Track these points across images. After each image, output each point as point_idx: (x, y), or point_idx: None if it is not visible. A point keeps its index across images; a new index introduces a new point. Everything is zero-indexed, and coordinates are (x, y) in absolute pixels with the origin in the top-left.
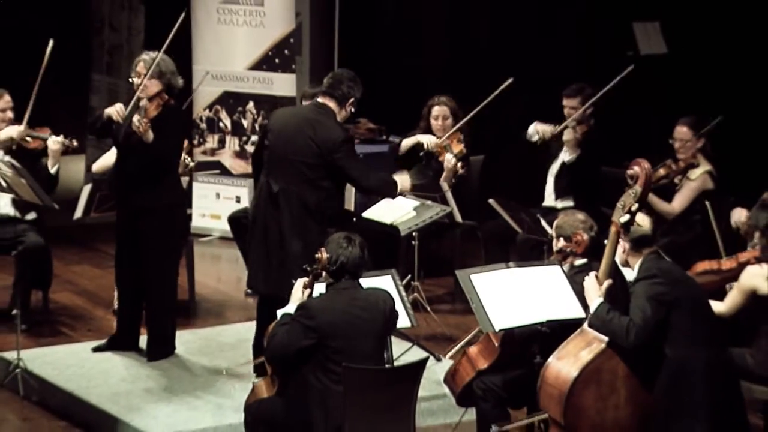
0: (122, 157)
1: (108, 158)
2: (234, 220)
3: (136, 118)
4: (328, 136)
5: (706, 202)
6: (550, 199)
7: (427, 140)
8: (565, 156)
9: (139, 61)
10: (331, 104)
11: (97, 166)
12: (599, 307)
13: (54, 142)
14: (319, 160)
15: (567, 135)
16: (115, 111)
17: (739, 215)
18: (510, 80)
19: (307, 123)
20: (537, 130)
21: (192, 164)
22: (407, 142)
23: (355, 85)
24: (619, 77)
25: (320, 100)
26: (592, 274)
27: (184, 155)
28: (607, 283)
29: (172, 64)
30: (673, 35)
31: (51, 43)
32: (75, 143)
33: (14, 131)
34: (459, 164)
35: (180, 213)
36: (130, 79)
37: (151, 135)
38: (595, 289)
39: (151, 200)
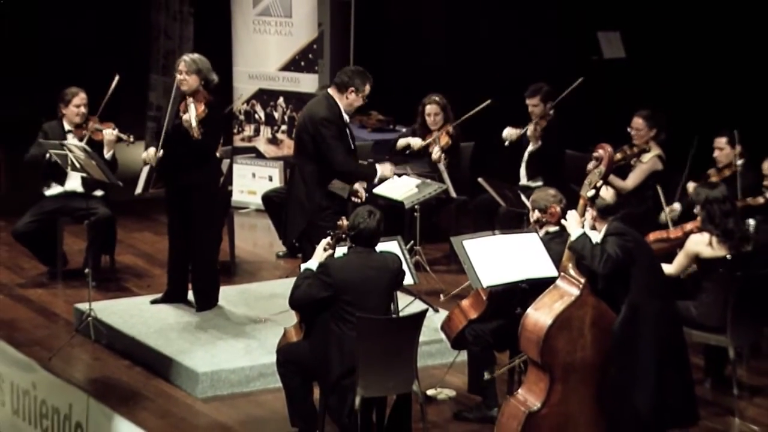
0: (169, 145)
1: None
2: (266, 198)
3: (192, 124)
4: (315, 112)
5: (657, 186)
6: (524, 180)
7: (414, 142)
8: (530, 147)
9: (180, 61)
10: (333, 91)
11: (147, 154)
12: (581, 236)
13: (109, 134)
14: (309, 136)
15: (529, 131)
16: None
17: (692, 187)
18: (488, 101)
19: (310, 105)
20: (508, 134)
21: (219, 152)
22: (400, 143)
23: (356, 76)
24: (571, 88)
25: (328, 90)
26: (573, 211)
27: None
28: (588, 216)
29: (208, 62)
30: (631, 43)
31: (116, 78)
32: (131, 139)
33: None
34: (442, 156)
35: (218, 189)
36: (175, 74)
37: (198, 134)
38: (576, 221)
39: (195, 179)
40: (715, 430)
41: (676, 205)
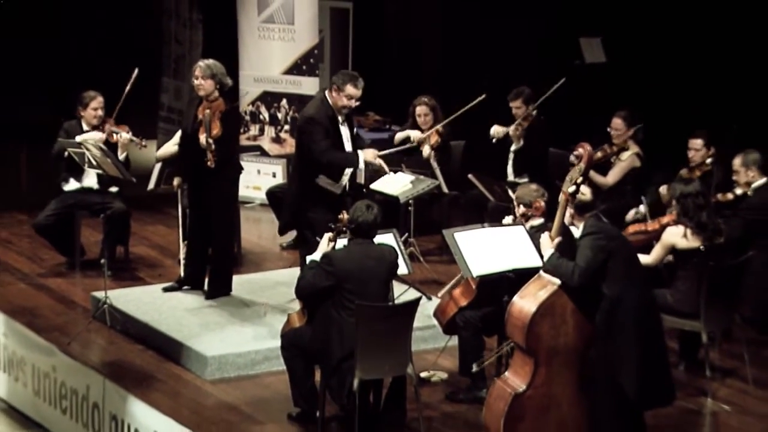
0: (191, 145)
1: (168, 147)
2: (270, 193)
3: (210, 148)
4: (305, 111)
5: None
6: (510, 177)
7: (413, 134)
8: (513, 146)
9: (196, 67)
10: (326, 92)
11: (160, 153)
12: (551, 256)
13: (123, 138)
14: (299, 133)
15: (511, 132)
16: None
17: (665, 190)
18: (482, 96)
19: (306, 106)
20: (495, 132)
21: None
22: (400, 135)
23: (340, 76)
24: (553, 89)
25: (325, 91)
26: (546, 233)
27: None
28: (558, 239)
29: (222, 67)
30: (611, 48)
31: (136, 71)
32: (144, 142)
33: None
34: (432, 153)
35: (237, 180)
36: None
37: (213, 161)
38: (548, 244)
39: (214, 181)
40: (689, 410)
41: (642, 208)
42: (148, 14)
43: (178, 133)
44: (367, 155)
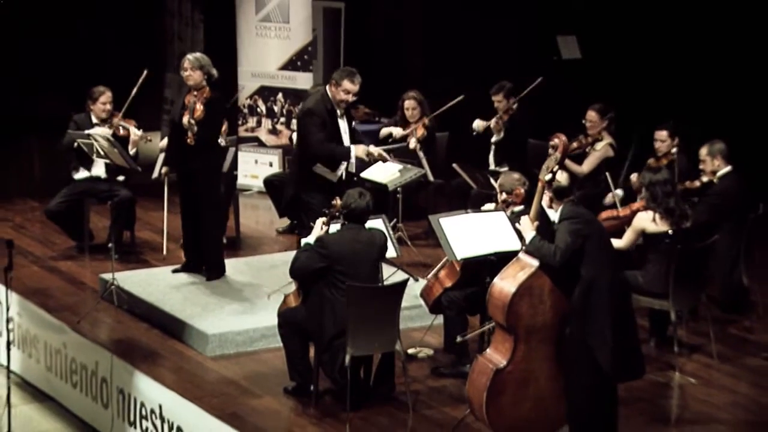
0: (178, 135)
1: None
2: (267, 181)
3: (192, 128)
4: (305, 104)
5: (606, 173)
6: (492, 166)
7: (395, 131)
8: (494, 137)
9: (185, 59)
10: (327, 86)
11: (163, 144)
12: (533, 239)
13: (134, 135)
14: (298, 125)
15: (492, 124)
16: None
17: (636, 179)
18: (461, 97)
19: (306, 99)
20: (477, 126)
21: (225, 141)
22: (384, 132)
23: (338, 73)
24: (531, 87)
25: (326, 86)
26: (526, 216)
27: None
28: (536, 222)
29: (208, 59)
30: (586, 45)
31: (145, 72)
32: (150, 138)
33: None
34: (418, 145)
35: (220, 173)
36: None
37: (193, 138)
38: (529, 227)
39: (199, 165)
40: (658, 382)
41: (619, 191)
42: (153, 15)
43: None
44: (358, 151)
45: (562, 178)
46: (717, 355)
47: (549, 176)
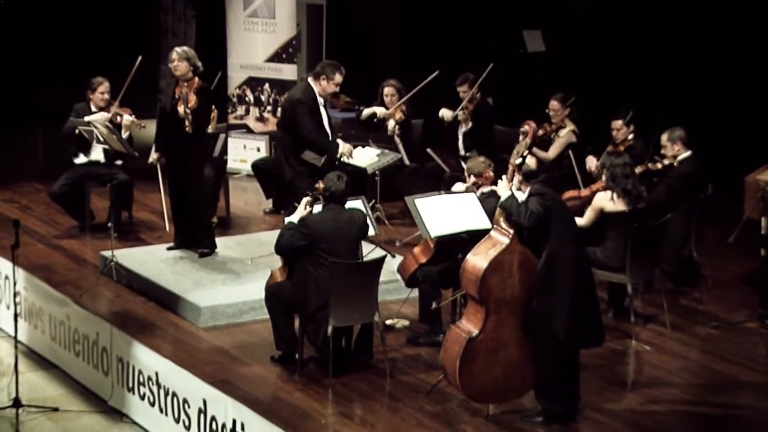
0: (169, 122)
1: None
2: (255, 165)
3: (188, 118)
4: (293, 95)
5: (570, 152)
6: (462, 152)
7: (379, 111)
8: (463, 128)
9: (172, 52)
10: (311, 79)
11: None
12: (507, 198)
13: (126, 120)
14: (287, 114)
15: (460, 115)
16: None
17: (590, 162)
18: (436, 72)
19: (292, 90)
20: (443, 114)
21: (214, 127)
22: (367, 112)
23: (327, 67)
24: (485, 74)
25: (308, 78)
26: (504, 177)
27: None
28: (511, 183)
29: (194, 52)
30: (550, 39)
31: (139, 59)
32: (143, 124)
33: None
34: (396, 128)
35: (206, 159)
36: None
37: (190, 126)
38: (505, 186)
39: (187, 151)
40: (616, 350)
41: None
42: (148, 11)
43: None
44: (344, 148)
45: (531, 162)
46: (670, 324)
47: (519, 160)
